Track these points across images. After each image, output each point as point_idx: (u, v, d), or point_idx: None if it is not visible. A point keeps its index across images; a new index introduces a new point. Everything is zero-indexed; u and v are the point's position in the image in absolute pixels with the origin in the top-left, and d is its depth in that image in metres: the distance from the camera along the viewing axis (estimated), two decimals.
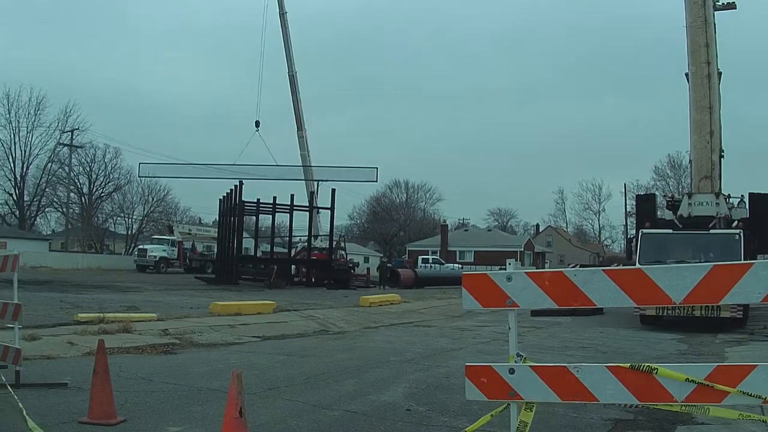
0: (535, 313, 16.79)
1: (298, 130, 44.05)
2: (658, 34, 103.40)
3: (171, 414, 5.70)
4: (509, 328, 3.62)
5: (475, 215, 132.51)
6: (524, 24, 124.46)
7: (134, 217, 64.99)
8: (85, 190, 60.99)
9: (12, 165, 52.27)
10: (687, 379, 3.24)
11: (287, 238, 41.57)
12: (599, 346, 11.85)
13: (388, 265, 43.22)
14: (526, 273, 3.59)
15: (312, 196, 40.16)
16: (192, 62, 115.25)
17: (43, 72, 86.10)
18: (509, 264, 3.62)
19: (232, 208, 34.45)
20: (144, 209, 65.68)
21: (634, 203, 26.20)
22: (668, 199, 18.95)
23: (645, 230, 16.16)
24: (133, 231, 64.65)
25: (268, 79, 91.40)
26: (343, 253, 42.66)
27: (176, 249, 47.47)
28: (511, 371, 3.56)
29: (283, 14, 43.71)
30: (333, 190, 38.33)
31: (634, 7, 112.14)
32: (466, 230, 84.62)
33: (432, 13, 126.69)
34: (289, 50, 43.75)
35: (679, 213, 17.08)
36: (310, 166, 43.45)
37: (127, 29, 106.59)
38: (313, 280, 36.37)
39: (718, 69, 18.41)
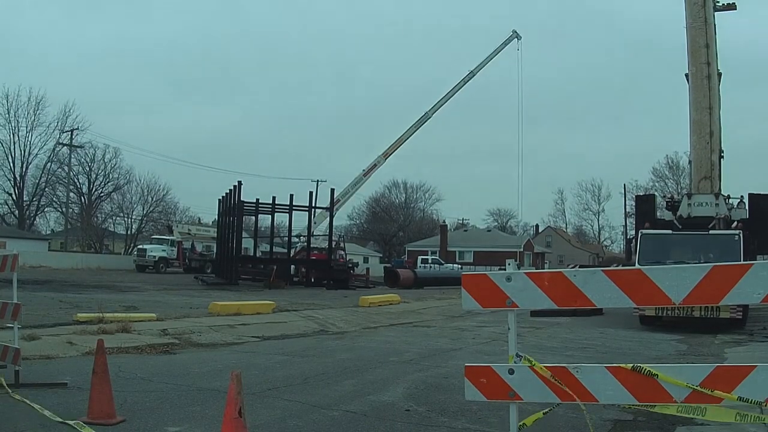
0: (535, 313, 16.79)
1: (385, 155, 45.84)
2: (657, 33, 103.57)
3: (170, 414, 5.69)
4: (509, 329, 3.62)
5: (475, 215, 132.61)
6: (525, 23, 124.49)
7: (133, 217, 65.01)
8: (85, 189, 60.99)
9: (11, 165, 52.30)
10: (687, 385, 3.23)
11: (286, 238, 41.59)
12: (599, 346, 11.85)
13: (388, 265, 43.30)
14: (525, 273, 3.58)
15: (311, 196, 40.13)
16: None
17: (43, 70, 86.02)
18: (509, 264, 3.62)
19: (232, 208, 34.45)
20: (143, 209, 65.70)
21: (634, 204, 26.22)
22: (668, 200, 18.96)
23: (644, 231, 16.16)
24: (133, 231, 64.63)
25: None
26: (343, 253, 42.65)
27: (175, 249, 47.46)
28: (511, 372, 3.56)
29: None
30: (332, 190, 38.42)
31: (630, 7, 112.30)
32: (465, 230, 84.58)
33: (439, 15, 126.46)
34: (450, 95, 47.03)
35: (678, 213, 17.09)
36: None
37: None
38: (312, 280, 36.37)
39: (718, 69, 18.43)
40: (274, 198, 36.32)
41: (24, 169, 53.16)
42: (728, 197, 17.40)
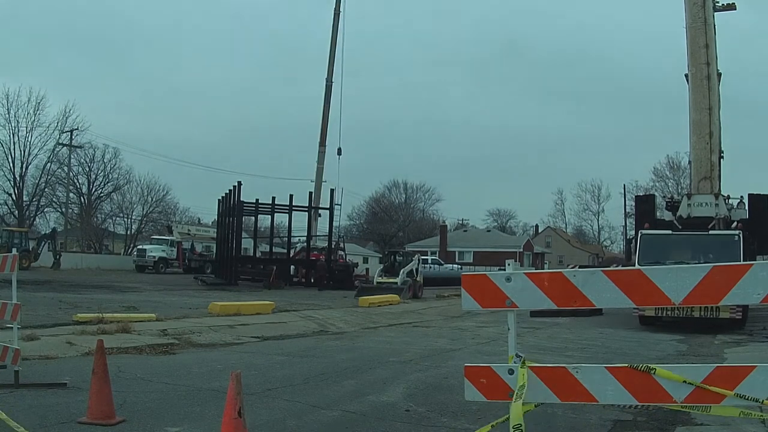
0: (535, 313, 16.79)
1: (320, 145, 43.72)
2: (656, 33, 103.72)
3: (170, 414, 5.69)
4: (508, 329, 3.61)
5: (475, 216, 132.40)
6: (521, 29, 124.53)
7: (133, 217, 64.92)
8: (84, 190, 60.89)
9: (11, 165, 52.04)
10: (685, 381, 3.23)
11: (286, 239, 41.60)
12: (598, 346, 11.85)
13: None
14: (525, 274, 3.58)
15: (311, 196, 40.16)
16: None
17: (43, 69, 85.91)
18: (508, 264, 3.61)
19: (231, 208, 34.46)
20: (143, 209, 65.59)
21: (634, 204, 26.22)
22: (668, 200, 19.00)
23: (644, 231, 16.16)
24: (132, 231, 64.56)
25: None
26: (343, 253, 42.61)
27: (175, 249, 47.44)
28: (511, 372, 3.55)
29: (337, 13, 42.85)
30: (332, 191, 38.38)
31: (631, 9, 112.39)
32: (465, 231, 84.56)
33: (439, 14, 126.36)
34: (332, 55, 43.09)
35: (678, 214, 17.10)
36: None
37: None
38: (312, 280, 36.36)
39: (717, 70, 18.43)
40: (273, 198, 36.33)
41: (24, 170, 52.98)
42: (728, 197, 17.41)
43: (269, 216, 40.77)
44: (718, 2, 18.89)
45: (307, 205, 38.08)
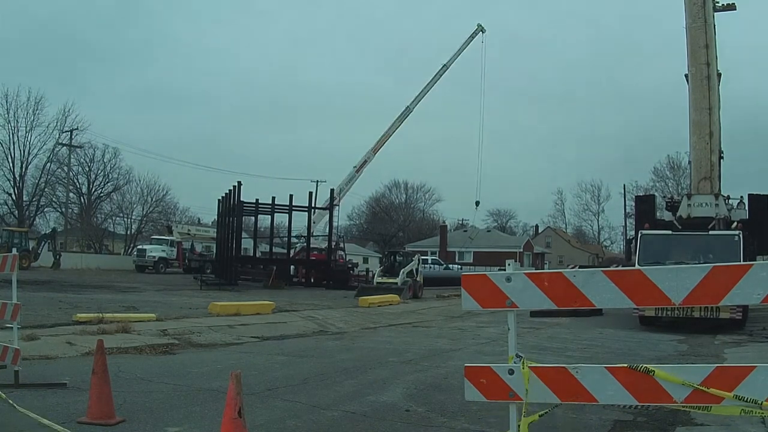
0: (535, 314, 16.79)
1: (374, 150, 46.45)
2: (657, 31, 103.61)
3: (170, 414, 5.69)
4: (508, 329, 3.61)
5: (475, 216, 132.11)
6: (525, 33, 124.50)
7: (133, 217, 64.90)
8: (84, 190, 60.86)
9: (11, 165, 51.99)
10: (684, 383, 3.23)
11: (286, 239, 41.60)
12: (598, 347, 11.85)
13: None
14: (525, 274, 3.58)
15: (311, 196, 40.16)
16: None
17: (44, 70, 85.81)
18: (508, 265, 3.61)
19: (231, 208, 34.45)
20: (143, 209, 65.56)
21: (634, 204, 26.23)
22: (668, 200, 19.02)
23: (644, 231, 16.16)
24: (132, 231, 64.54)
25: None
26: (342, 253, 42.64)
27: (175, 249, 47.43)
28: (511, 372, 3.55)
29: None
30: (331, 190, 38.40)
31: (632, 7, 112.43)
32: (465, 231, 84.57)
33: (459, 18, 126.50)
34: (427, 89, 47.55)
35: (678, 214, 17.12)
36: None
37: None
38: (312, 280, 36.37)
39: (717, 70, 18.44)
40: (273, 198, 36.33)
41: (23, 170, 52.90)
42: (728, 198, 17.42)
43: (269, 216, 40.77)
44: (718, 2, 18.91)
45: (307, 205, 38.07)
